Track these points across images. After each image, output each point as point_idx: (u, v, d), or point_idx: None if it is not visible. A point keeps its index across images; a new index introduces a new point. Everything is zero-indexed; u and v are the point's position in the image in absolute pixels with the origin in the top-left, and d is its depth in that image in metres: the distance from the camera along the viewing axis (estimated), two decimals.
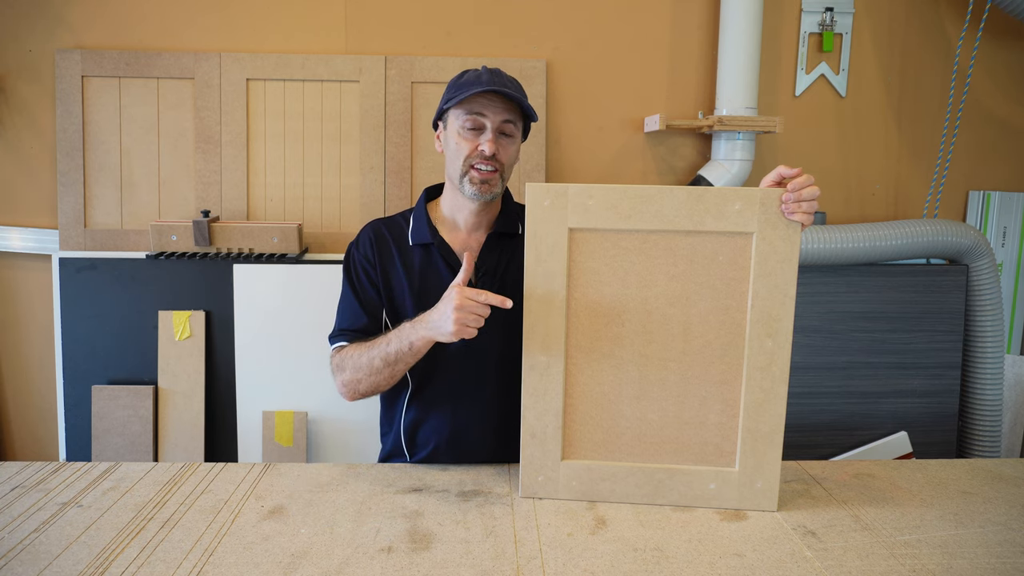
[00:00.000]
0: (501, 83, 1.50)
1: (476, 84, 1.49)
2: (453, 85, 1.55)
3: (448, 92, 1.56)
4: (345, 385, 1.53)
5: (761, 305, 1.34)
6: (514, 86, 1.54)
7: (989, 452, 2.49)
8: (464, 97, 1.48)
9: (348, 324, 1.58)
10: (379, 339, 1.49)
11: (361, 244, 1.62)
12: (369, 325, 1.57)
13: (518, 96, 1.50)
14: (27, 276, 2.55)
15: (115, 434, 2.38)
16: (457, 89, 1.52)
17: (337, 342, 1.58)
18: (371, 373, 1.48)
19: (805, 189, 1.30)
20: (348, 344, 1.55)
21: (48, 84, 2.47)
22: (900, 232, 2.42)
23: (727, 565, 1.19)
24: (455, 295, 1.32)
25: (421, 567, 1.17)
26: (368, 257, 1.59)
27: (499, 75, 1.54)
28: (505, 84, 1.51)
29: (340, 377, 1.53)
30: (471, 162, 1.51)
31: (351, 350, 1.52)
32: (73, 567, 1.16)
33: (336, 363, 1.54)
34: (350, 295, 1.60)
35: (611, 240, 1.36)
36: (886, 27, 2.65)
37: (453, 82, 1.56)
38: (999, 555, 1.23)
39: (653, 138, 2.62)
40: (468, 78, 1.53)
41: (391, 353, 1.44)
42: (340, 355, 1.54)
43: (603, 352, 1.40)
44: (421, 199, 1.65)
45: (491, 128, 1.50)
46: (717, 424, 1.39)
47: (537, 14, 2.56)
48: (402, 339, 1.43)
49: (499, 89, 1.47)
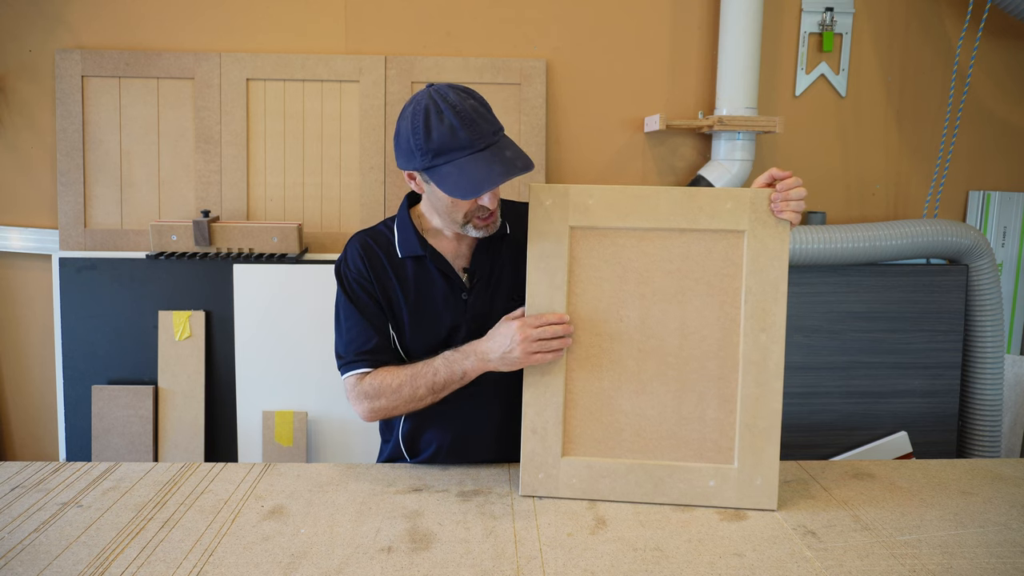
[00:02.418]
0: (481, 134, 1.35)
1: (459, 150, 1.33)
2: (423, 144, 1.35)
3: (422, 152, 1.36)
4: (375, 411, 1.49)
5: (754, 300, 1.39)
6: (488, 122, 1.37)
7: (989, 452, 2.49)
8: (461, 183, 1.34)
9: (360, 347, 1.51)
10: (419, 367, 1.46)
11: (351, 261, 1.54)
12: (381, 343, 1.52)
13: (516, 170, 1.36)
14: (27, 276, 2.55)
15: (115, 434, 2.38)
16: (435, 155, 1.35)
17: (357, 368, 1.50)
18: (412, 400, 1.46)
19: (793, 190, 1.36)
20: (372, 370, 1.50)
21: (48, 84, 2.47)
22: (900, 232, 2.42)
23: (727, 565, 1.19)
24: (513, 326, 1.38)
25: (421, 567, 1.17)
26: (362, 272, 1.53)
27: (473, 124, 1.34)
28: (484, 133, 1.35)
29: (371, 404, 1.48)
30: (471, 216, 1.44)
31: (384, 378, 1.47)
32: (73, 567, 1.16)
33: (363, 391, 1.49)
34: (355, 315, 1.52)
35: (610, 238, 1.42)
36: (886, 27, 2.65)
37: (421, 137, 1.35)
38: (999, 555, 1.23)
39: (653, 138, 2.63)
40: (442, 138, 1.34)
41: (439, 382, 1.44)
42: (368, 383, 1.48)
43: (602, 348, 1.42)
44: (404, 207, 1.58)
45: (491, 191, 1.39)
46: (715, 420, 1.40)
47: (537, 14, 2.56)
48: (452, 368, 1.43)
49: (500, 171, 1.34)
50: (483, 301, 1.53)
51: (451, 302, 1.53)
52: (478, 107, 1.38)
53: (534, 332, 1.36)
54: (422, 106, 1.36)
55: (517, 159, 1.37)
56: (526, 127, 2.52)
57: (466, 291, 1.53)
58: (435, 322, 1.53)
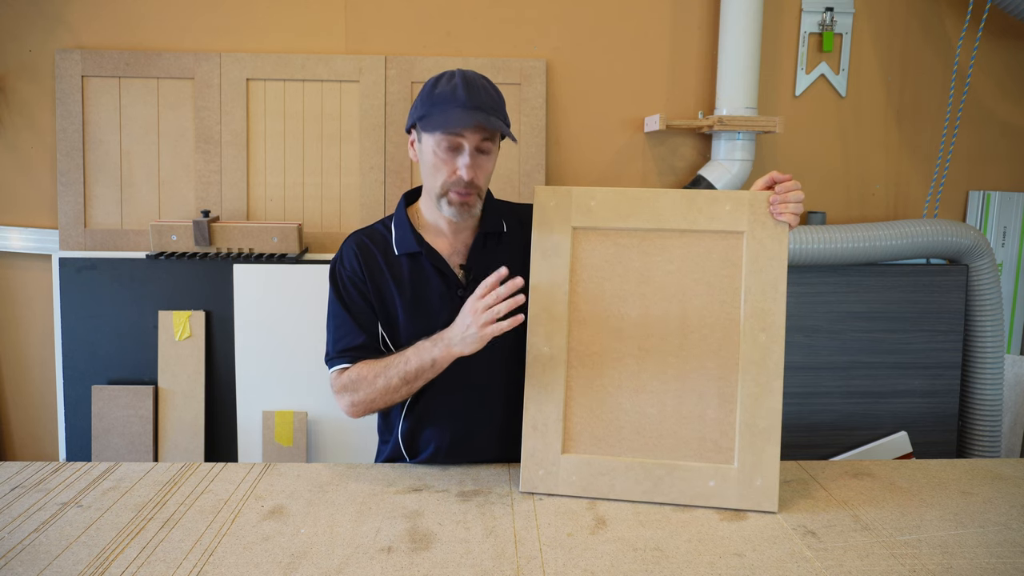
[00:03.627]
0: (479, 102, 1.43)
1: (452, 102, 1.42)
2: (427, 96, 1.46)
3: (423, 102, 1.46)
4: (355, 405, 1.51)
5: (753, 300, 1.40)
6: (492, 100, 1.46)
7: (989, 452, 2.49)
8: (440, 120, 1.42)
9: (347, 344, 1.53)
10: (393, 358, 1.47)
11: (347, 260, 1.56)
12: (367, 342, 1.54)
13: (499, 124, 1.44)
14: (27, 276, 2.55)
15: (115, 434, 2.39)
16: (431, 104, 1.44)
17: (338, 364, 1.53)
18: (387, 392, 1.47)
19: (791, 192, 1.39)
20: (352, 365, 1.52)
21: (48, 84, 2.47)
22: (900, 232, 2.42)
23: (727, 565, 1.19)
24: (467, 306, 1.38)
25: (421, 567, 1.17)
26: (356, 272, 1.54)
27: (476, 91, 1.44)
28: (483, 103, 1.43)
29: (350, 397, 1.50)
30: (448, 186, 1.46)
31: (360, 370, 1.49)
32: (73, 567, 1.16)
33: (342, 384, 1.51)
34: (343, 314, 1.55)
35: (611, 238, 1.44)
36: (886, 27, 2.65)
37: (427, 91, 1.47)
38: (999, 555, 1.23)
39: (653, 138, 2.63)
40: (443, 91, 1.44)
41: (411, 371, 1.44)
42: (347, 376, 1.51)
43: (603, 345, 1.43)
44: (401, 205, 1.60)
45: (468, 151, 1.43)
46: (715, 419, 1.41)
47: (537, 14, 2.56)
48: (423, 356, 1.43)
49: (479, 119, 1.41)
50: None
51: (447, 299, 1.53)
52: (489, 89, 1.46)
53: (480, 303, 1.35)
54: (442, 73, 1.48)
55: (501, 126, 1.44)
56: (526, 127, 2.52)
57: (462, 288, 1.53)
58: (431, 319, 1.53)
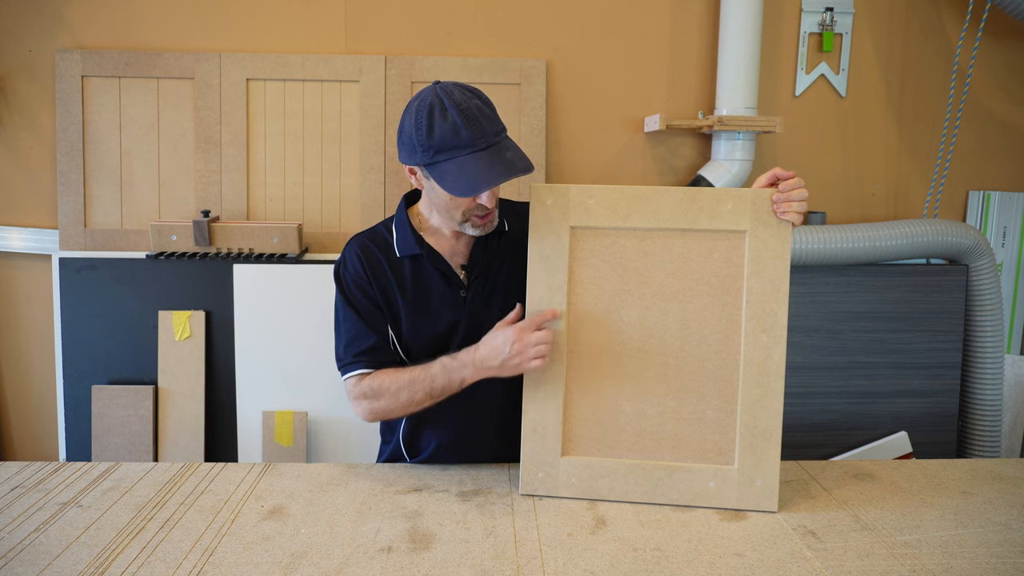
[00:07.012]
0: (483, 132, 1.35)
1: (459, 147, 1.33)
2: (425, 139, 1.36)
3: (423, 147, 1.36)
4: (374, 412, 1.51)
5: (755, 300, 1.38)
6: (492, 123, 1.38)
7: (989, 452, 2.49)
8: (465, 184, 1.35)
9: (359, 347, 1.52)
10: (417, 372, 1.47)
11: (350, 263, 1.55)
12: (379, 342, 1.53)
13: (520, 169, 1.36)
14: (27, 276, 2.55)
15: (115, 434, 2.39)
16: (436, 150, 1.35)
17: (356, 369, 1.52)
18: (410, 405, 1.48)
19: (795, 191, 1.37)
20: (372, 371, 1.51)
21: (48, 84, 2.47)
22: (900, 232, 2.42)
23: (727, 565, 1.19)
24: (511, 332, 1.38)
25: (421, 567, 1.17)
26: (361, 275, 1.53)
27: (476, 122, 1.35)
28: (485, 132, 1.35)
29: (369, 405, 1.50)
30: (469, 214, 1.44)
31: (383, 381, 1.49)
32: (73, 567, 1.17)
33: (362, 391, 1.51)
34: (353, 317, 1.53)
35: (610, 238, 1.42)
36: (886, 27, 2.65)
37: (423, 133, 1.35)
38: (999, 555, 1.23)
39: (653, 138, 2.62)
40: (444, 134, 1.34)
41: (436, 388, 1.45)
42: (367, 384, 1.50)
43: (603, 347, 1.42)
44: (401, 206, 1.58)
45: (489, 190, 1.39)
46: (715, 421, 1.40)
47: (537, 14, 2.56)
48: (451, 376, 1.44)
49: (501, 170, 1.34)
50: (481, 299, 1.54)
51: (449, 300, 1.53)
52: (482, 107, 1.38)
53: (533, 336, 1.37)
54: (427, 102, 1.37)
55: (518, 160, 1.37)
56: (526, 127, 2.52)
57: (464, 289, 1.53)
58: (434, 320, 1.53)
